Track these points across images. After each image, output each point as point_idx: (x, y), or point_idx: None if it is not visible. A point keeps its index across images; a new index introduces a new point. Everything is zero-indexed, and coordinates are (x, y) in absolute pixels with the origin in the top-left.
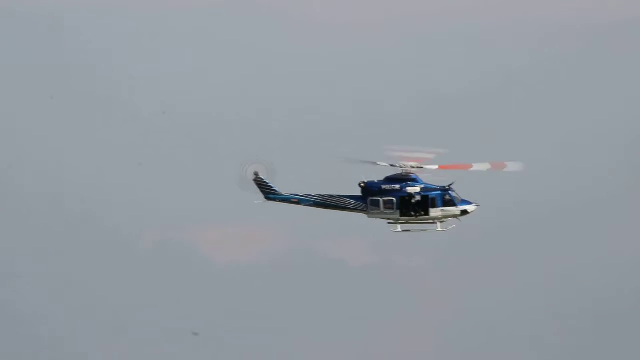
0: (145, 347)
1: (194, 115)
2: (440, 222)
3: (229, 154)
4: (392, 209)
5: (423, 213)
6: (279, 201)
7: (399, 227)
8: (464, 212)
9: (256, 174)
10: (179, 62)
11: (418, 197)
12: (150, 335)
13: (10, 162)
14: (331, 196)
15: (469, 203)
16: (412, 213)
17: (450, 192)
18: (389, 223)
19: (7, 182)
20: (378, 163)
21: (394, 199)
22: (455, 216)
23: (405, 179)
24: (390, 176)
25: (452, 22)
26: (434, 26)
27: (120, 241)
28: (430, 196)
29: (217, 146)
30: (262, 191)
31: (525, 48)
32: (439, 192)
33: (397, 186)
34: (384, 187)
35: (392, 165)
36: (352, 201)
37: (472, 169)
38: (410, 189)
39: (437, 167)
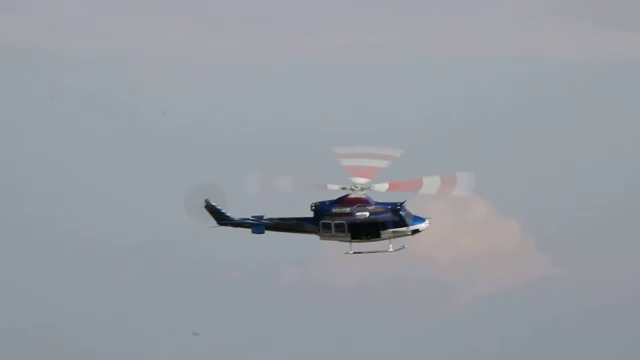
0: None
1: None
2: (392, 242)
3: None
4: (344, 232)
5: (374, 235)
6: (232, 226)
7: (350, 250)
8: (415, 231)
9: (207, 200)
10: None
11: (367, 221)
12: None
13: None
14: (283, 219)
15: (421, 220)
16: (363, 236)
17: (401, 212)
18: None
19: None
20: (329, 187)
21: (344, 222)
22: (406, 235)
23: (357, 200)
24: (341, 198)
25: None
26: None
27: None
28: (379, 219)
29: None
30: (214, 217)
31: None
32: (389, 213)
33: (347, 209)
34: (334, 210)
35: (343, 188)
36: (305, 223)
37: (422, 188)
38: (359, 214)
39: (387, 186)
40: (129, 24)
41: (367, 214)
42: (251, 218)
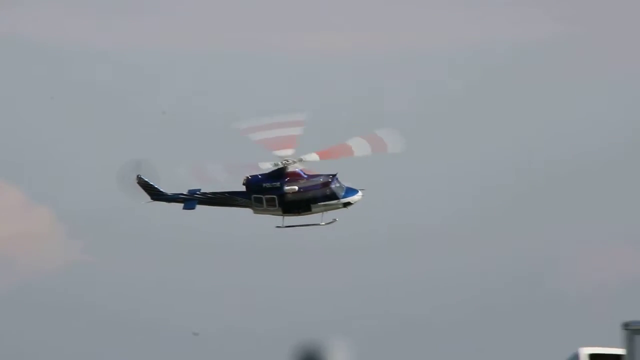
0: None
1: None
2: (323, 216)
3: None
4: (275, 206)
5: (305, 209)
6: (165, 201)
7: (283, 224)
8: (347, 204)
9: (139, 176)
10: None
11: (297, 195)
12: None
13: None
14: (215, 193)
15: (354, 192)
16: (294, 210)
17: (332, 184)
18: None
19: None
20: (260, 165)
21: (275, 196)
22: (338, 208)
23: (289, 175)
24: (272, 171)
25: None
26: None
27: None
28: (310, 193)
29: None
30: (147, 192)
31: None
32: (319, 186)
33: (278, 184)
34: (264, 185)
35: (275, 165)
36: (238, 198)
37: (353, 152)
38: (287, 188)
39: (317, 157)
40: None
41: (296, 187)
42: (186, 193)
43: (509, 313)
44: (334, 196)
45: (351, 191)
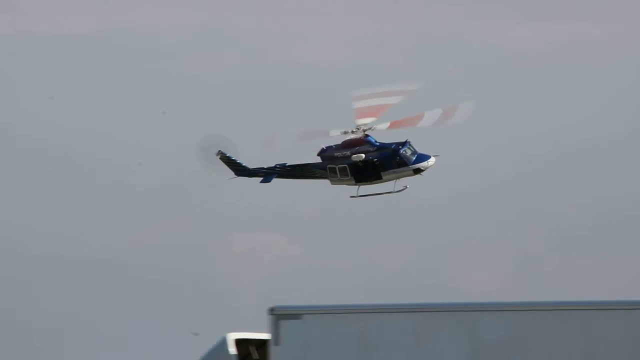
0: None
1: None
2: (396, 183)
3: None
4: (347, 175)
5: (375, 177)
6: (248, 176)
7: (357, 193)
8: (418, 170)
9: (220, 151)
10: None
11: (365, 162)
12: None
13: None
14: (294, 166)
15: (425, 158)
16: (366, 179)
17: (401, 151)
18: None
19: None
20: (331, 133)
21: (346, 165)
22: (409, 175)
23: (358, 143)
24: (345, 141)
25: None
26: None
27: None
28: (377, 160)
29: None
30: (230, 168)
31: None
32: (387, 153)
33: (348, 152)
34: (336, 154)
35: (344, 133)
36: (315, 169)
37: (423, 120)
38: (354, 156)
39: (388, 125)
40: None
41: (363, 155)
42: (265, 167)
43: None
44: (402, 163)
45: (422, 157)
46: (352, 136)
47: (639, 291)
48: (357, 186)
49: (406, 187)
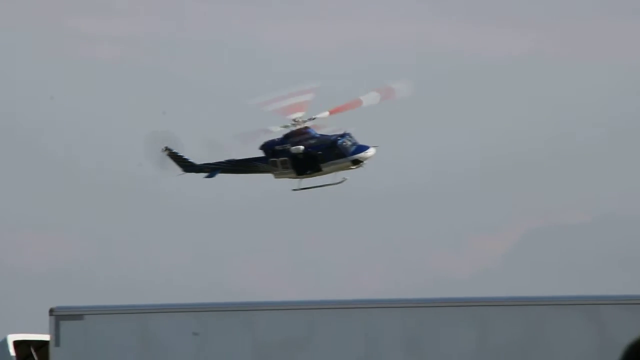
0: None
1: None
2: (336, 175)
3: None
4: (288, 168)
5: (315, 169)
6: (195, 172)
7: (299, 186)
8: (356, 162)
9: (167, 148)
10: None
11: (304, 154)
12: None
13: None
14: (239, 161)
15: (364, 149)
16: (307, 171)
17: (339, 142)
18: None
19: None
20: (272, 129)
21: (287, 158)
22: (348, 167)
23: (299, 134)
24: (286, 133)
25: None
26: None
27: None
28: (318, 152)
29: None
30: (178, 164)
31: None
32: (327, 144)
33: (288, 145)
34: (276, 147)
35: (285, 127)
36: (259, 163)
37: (362, 104)
38: (293, 148)
39: (327, 113)
40: None
41: (302, 147)
42: (211, 162)
43: None
44: (341, 154)
45: (361, 148)
46: (293, 128)
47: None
48: (297, 179)
49: (344, 179)
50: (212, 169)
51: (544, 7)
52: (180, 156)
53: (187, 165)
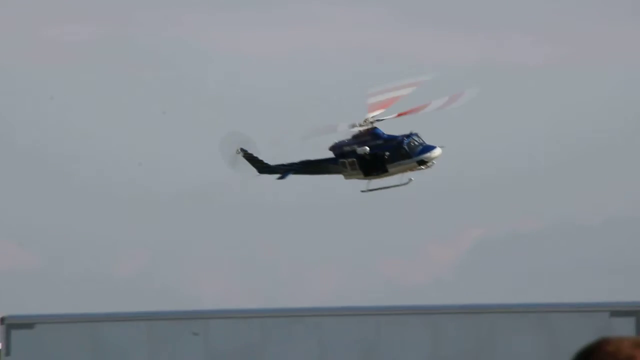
0: None
1: None
2: (402, 176)
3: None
4: (356, 169)
5: (382, 170)
6: (270, 173)
7: (367, 187)
8: (422, 162)
9: (243, 149)
10: None
11: (367, 155)
12: None
13: None
14: (310, 162)
15: (430, 149)
16: (374, 172)
17: (404, 143)
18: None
19: None
20: (338, 128)
21: (355, 159)
22: (413, 168)
23: (366, 135)
24: (355, 134)
25: None
26: None
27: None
28: (384, 153)
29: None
30: (254, 165)
31: None
32: (393, 145)
33: (355, 146)
34: (345, 148)
35: (352, 126)
36: (329, 164)
37: (429, 107)
38: (359, 149)
39: (395, 115)
40: None
41: (368, 148)
42: (285, 163)
43: None
44: (407, 155)
45: (427, 148)
46: (360, 129)
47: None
48: (367, 180)
49: (411, 179)
50: (285, 170)
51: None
52: (256, 157)
53: (262, 167)
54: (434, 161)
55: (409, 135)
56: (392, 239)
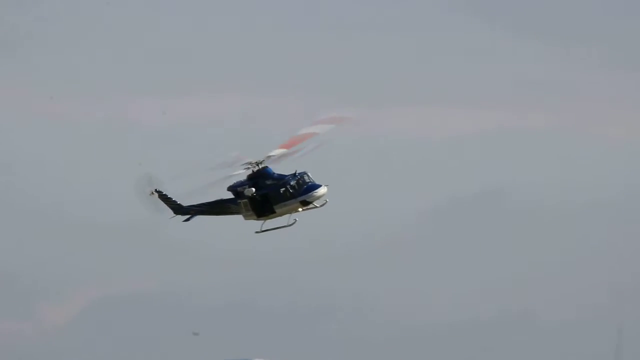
0: None
1: None
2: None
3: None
4: (249, 210)
5: (269, 211)
6: (183, 214)
7: (260, 228)
8: (305, 203)
9: (157, 190)
10: None
11: (256, 196)
12: None
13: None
14: (216, 202)
15: (314, 188)
16: (263, 213)
17: (287, 183)
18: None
19: None
20: (235, 171)
21: (247, 200)
22: (297, 208)
23: (259, 175)
24: (249, 174)
25: None
26: None
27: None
28: (269, 193)
29: None
30: (169, 205)
31: None
32: (274, 186)
33: (246, 186)
34: (238, 189)
35: (244, 165)
36: (230, 205)
37: (316, 132)
38: (246, 191)
39: (280, 151)
40: None
41: (253, 189)
42: (194, 204)
43: None
44: (292, 195)
45: (312, 187)
46: (251, 169)
47: None
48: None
49: (295, 220)
50: (195, 211)
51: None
52: (170, 198)
53: (175, 207)
54: (319, 201)
55: (295, 175)
56: None
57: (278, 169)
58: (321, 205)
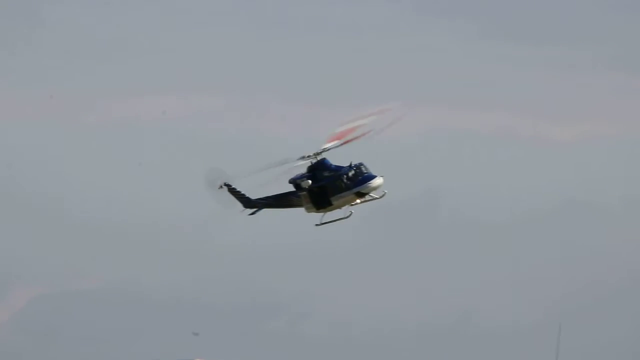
0: None
1: None
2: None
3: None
4: (309, 202)
5: (327, 203)
6: (251, 207)
7: (320, 221)
8: (360, 194)
9: (227, 184)
10: None
11: (313, 188)
12: None
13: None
14: (281, 195)
15: (369, 180)
16: (321, 205)
17: (343, 175)
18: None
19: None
20: (295, 164)
21: (306, 192)
22: (353, 200)
23: (315, 167)
24: (309, 166)
25: None
26: None
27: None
28: (325, 185)
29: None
30: (239, 199)
31: None
32: (331, 177)
33: (304, 179)
34: (297, 181)
35: (303, 158)
36: (293, 197)
37: (366, 127)
38: (303, 183)
39: (337, 142)
40: None
41: (309, 181)
42: (261, 197)
43: None
44: (347, 187)
45: (367, 178)
46: (312, 161)
47: None
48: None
49: (351, 212)
50: (261, 205)
51: None
52: (238, 191)
53: (244, 201)
54: (377, 192)
55: (351, 166)
56: None
57: (335, 160)
58: (380, 197)
